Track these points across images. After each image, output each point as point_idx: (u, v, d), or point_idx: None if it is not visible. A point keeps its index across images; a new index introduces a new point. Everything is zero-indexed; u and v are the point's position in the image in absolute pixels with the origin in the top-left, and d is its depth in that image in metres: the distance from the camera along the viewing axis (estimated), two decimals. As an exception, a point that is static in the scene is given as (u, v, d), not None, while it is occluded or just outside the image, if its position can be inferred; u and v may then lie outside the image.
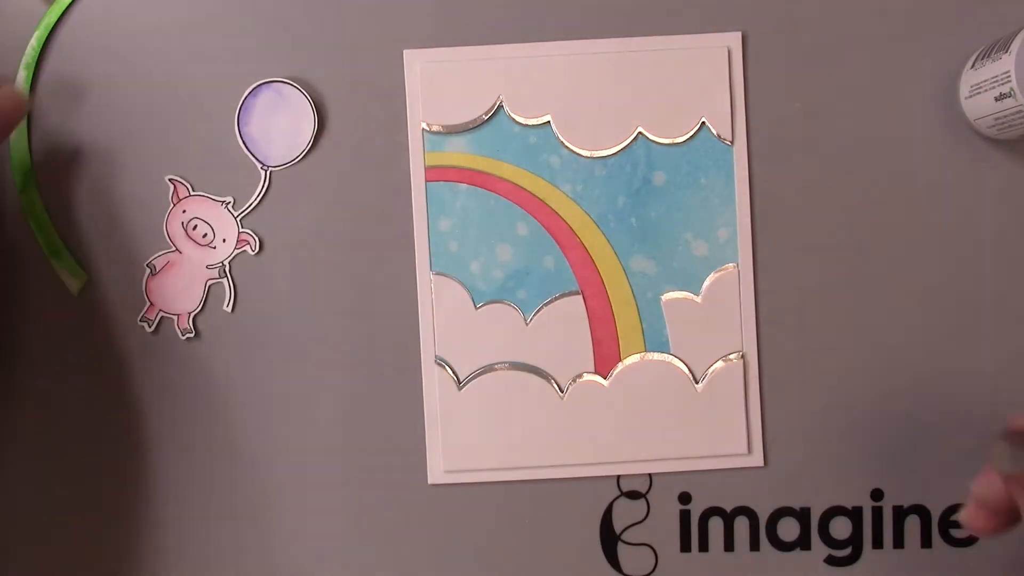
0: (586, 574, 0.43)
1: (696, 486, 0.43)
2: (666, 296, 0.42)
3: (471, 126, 0.42)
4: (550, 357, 0.42)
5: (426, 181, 0.42)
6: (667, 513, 0.43)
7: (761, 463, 0.42)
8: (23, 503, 0.42)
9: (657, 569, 0.43)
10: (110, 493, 0.42)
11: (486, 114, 0.42)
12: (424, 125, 0.42)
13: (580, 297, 0.42)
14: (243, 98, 0.42)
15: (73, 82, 0.42)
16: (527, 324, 0.42)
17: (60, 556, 0.42)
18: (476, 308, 0.42)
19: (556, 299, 0.42)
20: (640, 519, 0.43)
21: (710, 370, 0.42)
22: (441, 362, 0.42)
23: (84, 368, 0.42)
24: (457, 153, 0.42)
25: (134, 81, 0.42)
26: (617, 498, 0.43)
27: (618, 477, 0.42)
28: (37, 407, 0.42)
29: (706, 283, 0.42)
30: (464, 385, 0.42)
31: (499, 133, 0.42)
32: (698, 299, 0.42)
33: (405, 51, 0.42)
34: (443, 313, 0.42)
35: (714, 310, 0.42)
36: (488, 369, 0.42)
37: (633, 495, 0.43)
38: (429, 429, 0.42)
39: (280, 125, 0.42)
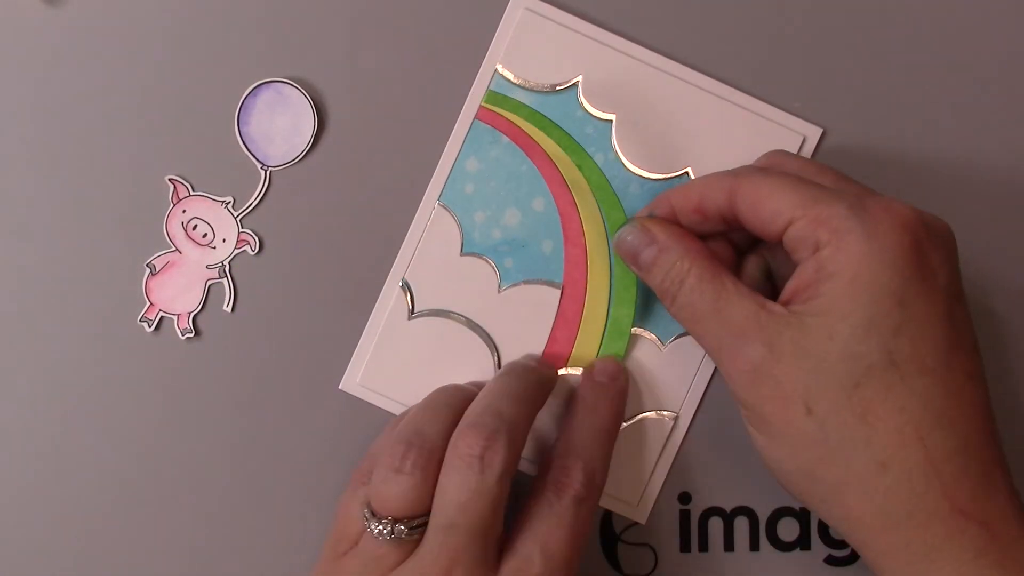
0: (585, 574, 0.42)
1: (696, 486, 0.42)
2: (635, 330, 0.42)
3: (541, 89, 0.42)
4: (505, 331, 0.42)
5: (475, 118, 0.42)
6: (667, 513, 0.42)
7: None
8: (21, 504, 0.42)
9: (657, 569, 0.42)
10: (109, 493, 0.42)
11: (560, 86, 0.42)
12: (499, 66, 0.42)
13: (559, 292, 0.42)
14: (243, 98, 0.42)
15: (72, 81, 0.42)
16: (499, 292, 0.42)
17: (59, 556, 0.42)
18: (461, 254, 0.42)
19: (536, 283, 0.42)
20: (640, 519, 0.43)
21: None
22: (405, 286, 0.42)
23: (83, 368, 0.42)
24: (517, 103, 0.42)
25: (134, 81, 0.42)
26: None
27: None
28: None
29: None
30: (415, 317, 0.42)
31: (562, 109, 0.42)
32: (663, 350, 0.42)
33: (515, -8, 0.42)
34: (429, 244, 0.42)
35: (675, 361, 0.42)
36: (444, 314, 0.42)
37: None
38: (364, 340, 0.42)
39: (280, 125, 0.42)
